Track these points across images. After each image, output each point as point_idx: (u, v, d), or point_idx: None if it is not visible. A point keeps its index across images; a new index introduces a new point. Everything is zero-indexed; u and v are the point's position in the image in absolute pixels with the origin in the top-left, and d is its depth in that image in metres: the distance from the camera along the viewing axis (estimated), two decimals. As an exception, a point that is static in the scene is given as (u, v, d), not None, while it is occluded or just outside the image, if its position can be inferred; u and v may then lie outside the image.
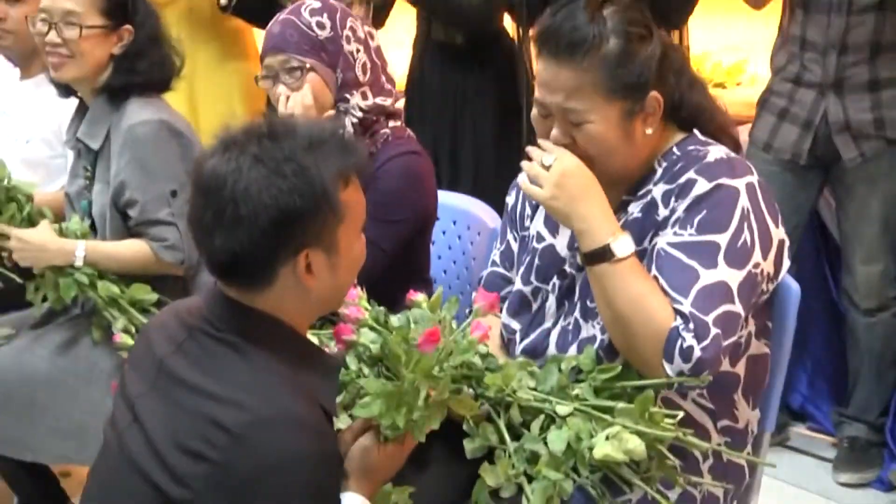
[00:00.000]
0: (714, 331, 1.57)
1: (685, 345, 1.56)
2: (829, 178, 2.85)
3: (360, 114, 2.10)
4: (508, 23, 3.22)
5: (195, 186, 1.43)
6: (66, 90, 2.40)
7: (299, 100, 2.05)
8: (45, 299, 2.32)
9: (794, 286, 1.85)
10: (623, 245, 1.61)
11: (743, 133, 2.99)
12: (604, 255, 1.61)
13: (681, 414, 1.60)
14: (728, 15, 2.96)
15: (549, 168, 1.64)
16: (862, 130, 2.70)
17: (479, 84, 3.17)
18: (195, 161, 1.46)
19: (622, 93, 1.65)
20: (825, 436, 3.11)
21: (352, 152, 1.46)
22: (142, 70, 2.30)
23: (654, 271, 1.63)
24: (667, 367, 1.57)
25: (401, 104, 2.23)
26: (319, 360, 1.53)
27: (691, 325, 1.56)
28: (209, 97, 3.11)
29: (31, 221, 2.35)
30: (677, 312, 1.58)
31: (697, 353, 1.55)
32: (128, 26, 2.31)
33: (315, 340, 1.80)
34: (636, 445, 1.56)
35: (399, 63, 3.31)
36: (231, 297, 1.46)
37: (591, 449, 1.58)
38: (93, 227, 2.35)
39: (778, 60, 2.84)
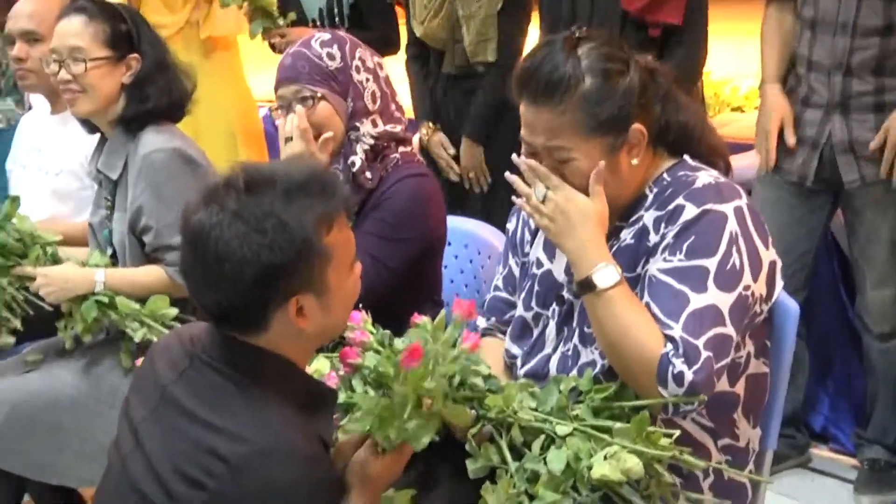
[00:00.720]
0: (705, 354, 1.59)
1: (676, 370, 1.59)
2: (839, 202, 2.86)
3: (370, 141, 2.17)
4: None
5: (183, 239, 1.48)
6: (89, 126, 2.49)
7: (295, 122, 2.12)
8: (76, 348, 2.39)
9: (793, 306, 1.88)
10: (605, 276, 1.64)
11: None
12: (588, 286, 1.65)
13: (677, 432, 1.63)
14: (748, 40, 3.00)
15: (543, 201, 1.69)
16: (865, 152, 2.71)
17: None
18: (182, 213, 1.49)
19: (603, 129, 1.68)
20: (847, 457, 3.10)
21: (332, 194, 1.49)
22: (153, 96, 2.37)
23: (646, 298, 1.67)
24: (662, 391, 1.60)
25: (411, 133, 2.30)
26: (316, 392, 1.57)
27: (681, 350, 1.59)
28: (209, 120, 3.17)
29: (55, 262, 2.43)
30: (668, 338, 1.61)
31: (689, 377, 1.58)
32: (134, 55, 2.38)
33: (326, 363, 1.86)
34: (634, 465, 1.58)
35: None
36: (229, 334, 1.50)
37: (590, 468, 1.60)
38: (114, 256, 2.43)
39: (788, 83, 2.87)
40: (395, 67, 2.95)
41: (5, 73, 3.55)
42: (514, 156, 1.76)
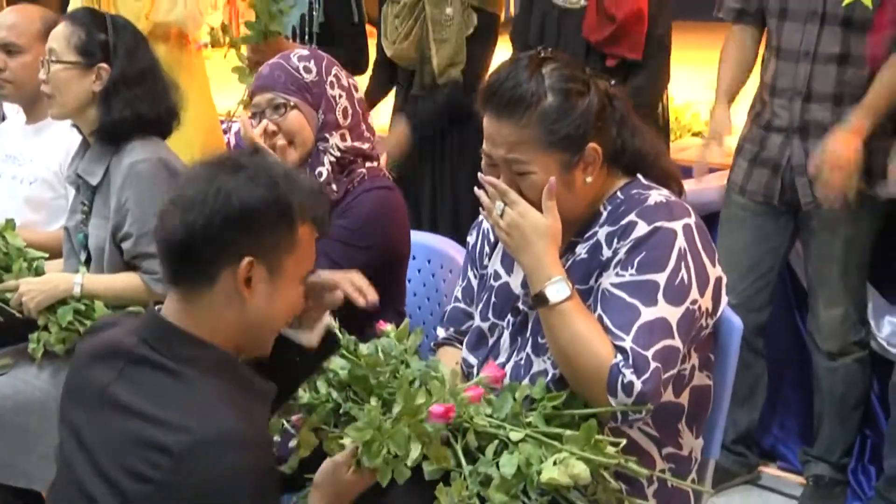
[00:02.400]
0: (654, 365, 1.68)
1: (626, 380, 1.67)
2: (797, 223, 2.96)
3: (337, 153, 2.25)
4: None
5: (181, 184, 1.56)
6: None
7: (262, 126, 2.22)
8: (45, 353, 2.44)
9: (736, 321, 1.97)
10: (557, 291, 1.72)
11: (719, 179, 3.14)
12: (541, 299, 1.74)
13: (623, 441, 1.71)
14: (710, 68, 3.11)
15: (502, 215, 1.77)
16: None
17: (459, 134, 3.33)
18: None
19: (560, 145, 1.77)
20: (794, 475, 3.20)
21: (320, 202, 1.59)
22: (116, 108, 2.42)
23: (598, 310, 1.75)
24: (611, 400, 1.68)
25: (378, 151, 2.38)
26: (252, 383, 1.61)
27: (631, 361, 1.68)
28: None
29: (37, 273, 2.50)
30: (618, 349, 1.69)
31: (638, 386, 1.66)
32: (104, 65, 2.44)
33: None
34: (581, 471, 1.66)
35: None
36: (168, 320, 1.55)
37: (540, 473, 1.68)
38: (88, 260, 2.49)
39: (753, 108, 2.98)
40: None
41: (-19, 83, 3.59)
42: (479, 173, 1.84)
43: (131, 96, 2.44)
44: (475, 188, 1.83)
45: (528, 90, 1.76)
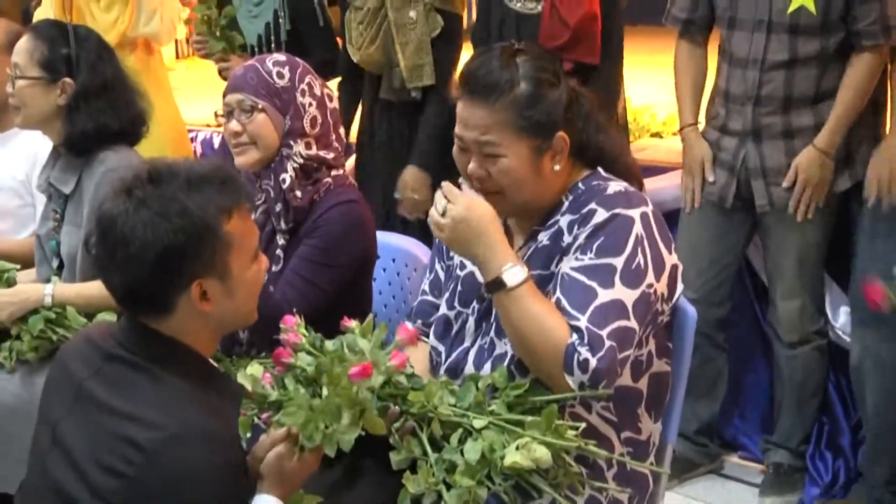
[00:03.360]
0: (608, 343, 1.74)
1: (581, 358, 1.73)
2: (754, 219, 3.04)
3: (300, 160, 2.29)
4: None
5: (95, 228, 1.59)
6: None
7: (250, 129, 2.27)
8: (18, 360, 2.46)
9: (691, 310, 2.04)
10: (513, 275, 1.79)
11: (676, 178, 3.22)
12: (498, 285, 1.80)
13: (583, 425, 1.77)
14: (666, 71, 3.18)
15: (444, 212, 1.84)
16: (776, 179, 2.88)
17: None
18: (97, 204, 1.62)
19: (531, 131, 1.84)
20: (755, 464, 3.27)
21: (235, 187, 1.61)
22: (80, 122, 2.45)
23: (557, 293, 1.81)
24: (568, 379, 1.74)
25: (345, 159, 2.42)
26: (222, 382, 1.67)
27: (586, 339, 1.74)
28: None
29: (9, 285, 2.52)
30: (574, 329, 1.76)
31: (594, 363, 1.73)
32: (67, 80, 2.47)
33: (261, 368, 1.97)
34: (543, 454, 1.72)
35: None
36: (141, 322, 1.60)
37: (503, 458, 1.74)
38: (60, 267, 2.53)
39: (710, 111, 3.06)
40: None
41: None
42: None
43: (94, 109, 2.46)
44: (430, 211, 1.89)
45: (503, 77, 1.84)
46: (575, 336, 1.75)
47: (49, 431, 1.62)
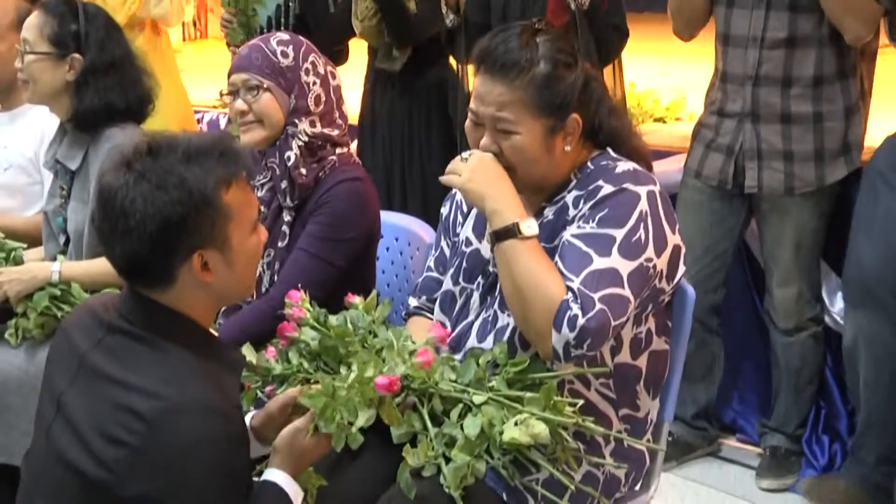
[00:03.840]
0: (599, 306, 1.77)
1: (571, 314, 1.76)
2: (751, 205, 3.06)
3: (305, 138, 2.32)
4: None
5: (96, 200, 1.61)
6: None
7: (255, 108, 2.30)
8: (24, 338, 2.49)
9: (690, 290, 2.08)
10: (529, 226, 1.83)
11: (678, 162, 3.24)
12: (511, 232, 1.83)
13: (581, 402, 1.80)
14: (669, 57, 3.20)
15: (467, 160, 1.88)
16: (770, 163, 2.90)
17: (426, 110, 3.42)
18: (97, 177, 1.62)
19: (547, 111, 1.87)
20: (752, 447, 3.30)
21: (233, 159, 1.62)
22: (87, 97, 2.48)
23: (556, 259, 1.85)
24: (554, 335, 1.77)
25: (349, 138, 2.46)
26: (222, 353, 1.69)
27: (578, 300, 1.77)
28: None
29: (16, 263, 2.56)
30: (568, 289, 1.79)
31: (581, 321, 1.75)
32: (76, 55, 2.51)
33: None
34: (541, 430, 1.75)
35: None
36: (142, 293, 1.62)
37: (502, 433, 1.77)
38: (66, 243, 2.56)
39: (708, 95, 3.07)
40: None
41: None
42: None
43: (102, 86, 2.49)
44: (440, 177, 1.93)
45: (523, 56, 1.87)
46: (569, 294, 1.78)
47: (53, 402, 1.65)
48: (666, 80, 4.34)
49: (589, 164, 1.96)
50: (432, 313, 2.12)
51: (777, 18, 2.81)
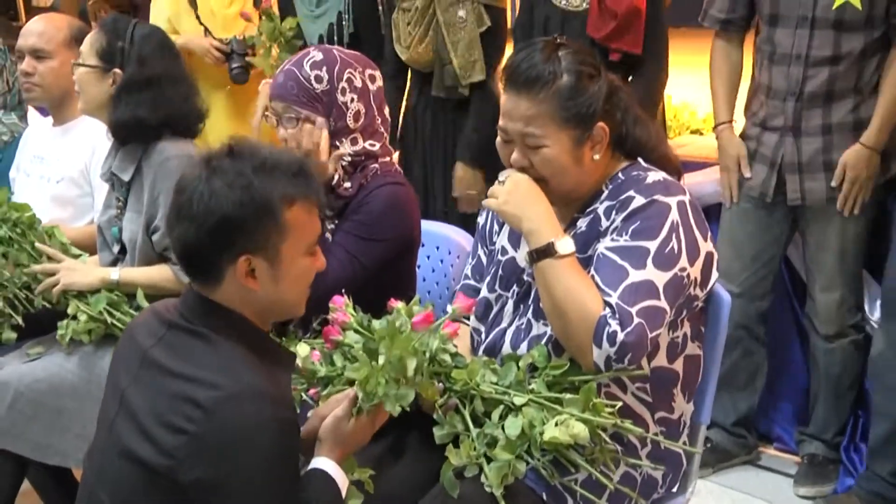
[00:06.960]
0: (637, 320, 1.81)
1: (610, 330, 1.80)
2: (794, 213, 3.08)
3: (348, 159, 2.36)
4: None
5: (175, 189, 1.70)
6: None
7: (303, 143, 2.32)
8: (73, 340, 2.58)
9: (725, 296, 2.11)
10: (565, 245, 1.87)
11: (715, 173, 3.27)
12: (548, 251, 1.87)
13: (619, 404, 1.85)
14: (706, 70, 3.24)
15: (504, 183, 1.93)
16: (810, 174, 2.93)
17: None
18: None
19: (573, 122, 1.92)
20: (790, 455, 3.33)
21: (305, 181, 1.70)
22: (120, 110, 2.55)
23: (592, 271, 1.89)
24: (595, 350, 1.81)
25: (390, 147, 2.50)
26: (275, 350, 1.77)
27: (617, 315, 1.81)
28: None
29: (66, 252, 2.68)
30: (606, 304, 1.83)
31: (621, 337, 1.79)
32: (118, 70, 2.59)
33: (307, 348, 2.06)
34: (580, 430, 1.79)
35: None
36: (199, 293, 1.71)
37: (542, 434, 1.81)
38: (121, 252, 2.65)
39: (750, 107, 3.11)
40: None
41: (11, 89, 3.76)
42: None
43: (134, 101, 2.56)
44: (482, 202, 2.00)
45: (546, 69, 1.92)
46: (607, 310, 1.82)
47: (116, 399, 1.73)
48: (702, 92, 4.36)
49: (620, 174, 2.00)
50: (469, 319, 2.17)
51: (821, 37, 2.84)
